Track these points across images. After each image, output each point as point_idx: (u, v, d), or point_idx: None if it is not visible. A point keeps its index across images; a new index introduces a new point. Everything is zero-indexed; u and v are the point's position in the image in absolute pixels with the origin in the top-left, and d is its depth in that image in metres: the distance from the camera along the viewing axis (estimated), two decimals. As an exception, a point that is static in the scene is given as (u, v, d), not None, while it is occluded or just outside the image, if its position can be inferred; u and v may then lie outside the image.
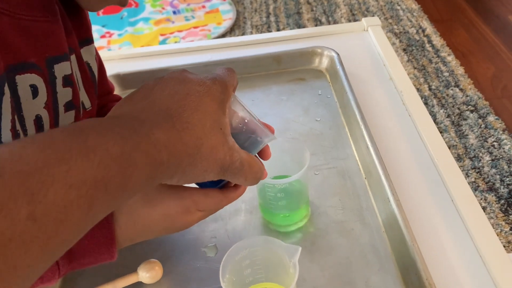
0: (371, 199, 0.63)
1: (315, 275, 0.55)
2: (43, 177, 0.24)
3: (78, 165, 0.25)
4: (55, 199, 0.24)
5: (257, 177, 0.41)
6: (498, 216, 1.33)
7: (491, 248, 0.54)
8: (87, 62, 0.59)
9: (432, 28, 2.09)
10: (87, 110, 0.60)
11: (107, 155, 0.27)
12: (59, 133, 0.27)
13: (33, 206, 0.23)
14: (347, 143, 0.72)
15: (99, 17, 2.39)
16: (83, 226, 0.27)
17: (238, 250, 0.48)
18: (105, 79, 0.70)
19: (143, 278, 0.55)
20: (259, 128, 0.43)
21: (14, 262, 0.23)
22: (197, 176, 0.35)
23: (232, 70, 0.40)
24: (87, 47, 0.59)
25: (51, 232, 0.24)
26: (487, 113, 1.63)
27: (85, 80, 0.58)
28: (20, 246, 0.23)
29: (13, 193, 0.23)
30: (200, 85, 0.36)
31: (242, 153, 0.38)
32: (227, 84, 0.38)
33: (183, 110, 0.34)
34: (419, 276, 0.51)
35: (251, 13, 2.35)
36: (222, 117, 0.37)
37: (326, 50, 0.87)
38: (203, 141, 0.34)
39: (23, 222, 0.23)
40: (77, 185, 0.25)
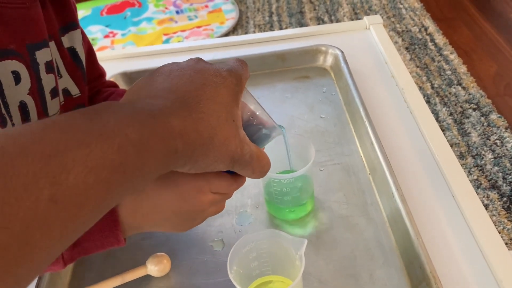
0: (375, 195, 0.64)
1: (320, 268, 0.56)
2: (64, 159, 0.24)
3: (99, 149, 0.26)
4: (76, 182, 0.24)
5: (264, 171, 0.42)
6: (501, 213, 1.34)
7: (491, 241, 0.55)
8: (72, 47, 0.58)
9: (434, 27, 2.09)
10: (75, 97, 0.59)
11: (127, 140, 0.27)
12: (79, 116, 0.27)
13: (55, 188, 0.23)
14: (351, 139, 0.73)
15: (103, 17, 2.40)
16: (100, 210, 0.27)
17: (245, 243, 0.49)
18: (95, 64, 0.69)
19: (152, 271, 0.56)
20: (269, 121, 0.43)
21: (35, 243, 0.23)
22: (208, 166, 0.36)
23: (245, 62, 0.41)
24: (72, 32, 0.58)
25: (71, 214, 0.24)
26: (490, 111, 1.64)
27: (69, 66, 0.57)
28: (42, 227, 0.23)
29: (36, 175, 0.23)
30: (216, 76, 0.36)
31: (251, 146, 0.39)
32: (241, 77, 0.39)
33: (200, 99, 0.34)
34: (423, 269, 0.51)
35: (254, 12, 2.36)
36: (235, 109, 0.37)
37: (331, 48, 0.88)
38: (216, 131, 0.34)
39: (45, 204, 0.23)
40: (97, 169, 0.25)
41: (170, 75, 0.36)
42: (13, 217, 0.22)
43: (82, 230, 0.27)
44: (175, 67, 0.37)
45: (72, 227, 0.25)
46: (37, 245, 0.23)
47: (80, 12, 2.45)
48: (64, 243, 0.25)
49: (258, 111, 0.42)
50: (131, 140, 0.28)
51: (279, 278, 0.53)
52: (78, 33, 0.59)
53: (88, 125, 0.26)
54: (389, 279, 0.54)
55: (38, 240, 0.23)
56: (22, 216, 0.22)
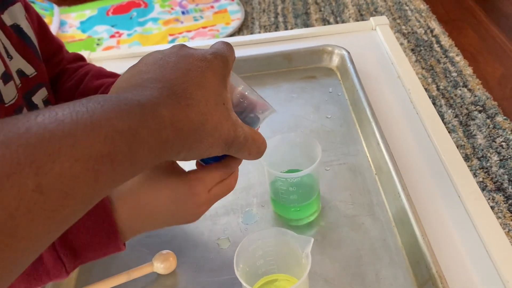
0: (381, 194, 0.64)
1: (326, 267, 0.56)
2: (49, 149, 0.24)
3: (84, 138, 0.25)
4: (62, 171, 0.24)
5: (261, 151, 0.41)
6: (506, 215, 1.33)
7: (497, 242, 0.55)
8: (15, 24, 0.55)
9: (440, 28, 2.09)
10: (31, 77, 0.57)
11: (114, 130, 0.27)
12: (65, 107, 0.27)
13: (39, 177, 0.23)
14: (357, 139, 0.73)
15: (109, 17, 2.41)
16: (88, 200, 0.27)
17: (251, 241, 0.49)
18: (49, 37, 0.65)
19: (158, 268, 0.56)
20: (260, 101, 0.42)
21: (20, 234, 0.23)
22: (203, 152, 0.35)
23: (230, 44, 0.40)
24: (11, 8, 0.55)
25: (57, 204, 0.24)
26: (496, 113, 1.63)
27: (17, 45, 0.55)
28: (27, 217, 0.23)
29: (20, 164, 0.23)
30: (201, 60, 0.36)
31: (245, 127, 0.38)
32: (227, 59, 0.38)
33: (187, 86, 0.33)
34: (429, 269, 0.51)
35: (259, 13, 2.36)
36: (224, 92, 0.36)
37: (337, 49, 0.88)
38: (207, 116, 0.34)
39: (29, 193, 0.23)
40: (83, 159, 0.25)
41: (155, 65, 0.35)
42: None
43: (70, 221, 0.26)
44: (159, 56, 0.36)
45: (58, 218, 0.25)
46: (23, 235, 0.23)
47: (86, 12, 2.46)
48: (51, 234, 0.25)
49: (247, 92, 0.42)
50: (119, 130, 0.27)
51: (285, 276, 0.53)
52: (18, 6, 0.56)
53: (74, 116, 0.26)
54: (394, 279, 0.54)
55: (23, 230, 0.23)
56: (6, 205, 0.22)
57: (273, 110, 0.44)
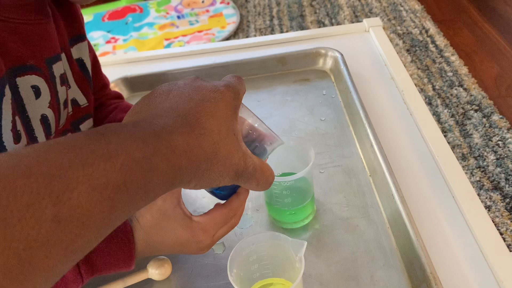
0: (375, 196, 0.64)
1: (321, 270, 0.56)
2: (67, 179, 0.24)
3: (101, 168, 0.26)
4: (79, 201, 0.24)
5: (269, 182, 0.42)
6: (504, 214, 1.34)
7: (491, 242, 0.55)
8: (80, 58, 0.59)
9: (435, 29, 2.09)
10: (82, 107, 0.60)
11: (129, 158, 0.28)
12: (82, 137, 0.27)
13: (58, 207, 0.23)
14: (351, 141, 0.73)
15: (104, 23, 2.41)
16: (104, 229, 0.27)
17: (245, 246, 0.49)
18: (100, 74, 0.71)
19: (153, 275, 0.56)
20: (268, 133, 0.44)
21: (38, 263, 0.23)
22: (213, 181, 0.36)
23: (240, 77, 0.41)
24: (81, 44, 0.59)
25: (74, 234, 0.24)
26: (491, 112, 1.64)
27: (77, 77, 0.59)
28: (44, 247, 0.23)
29: (39, 194, 0.23)
30: (214, 92, 0.37)
31: (254, 158, 0.39)
32: (239, 91, 0.39)
33: (200, 116, 0.34)
34: (424, 270, 0.51)
35: (255, 16, 2.36)
36: (235, 123, 0.37)
37: (330, 51, 0.88)
38: (219, 146, 0.35)
39: (48, 224, 0.23)
40: (100, 188, 0.25)
41: (169, 95, 0.36)
42: (15, 236, 0.22)
43: (86, 249, 0.26)
44: (173, 87, 0.37)
45: (75, 247, 0.25)
46: (40, 265, 0.23)
47: (82, 18, 2.47)
48: (67, 263, 0.25)
49: (256, 124, 0.43)
50: (134, 158, 0.28)
51: (280, 280, 0.53)
52: (85, 44, 0.60)
53: (91, 146, 0.26)
54: (389, 281, 0.54)
55: (41, 260, 0.23)
56: (25, 236, 0.22)
57: (281, 142, 0.45)
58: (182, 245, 0.49)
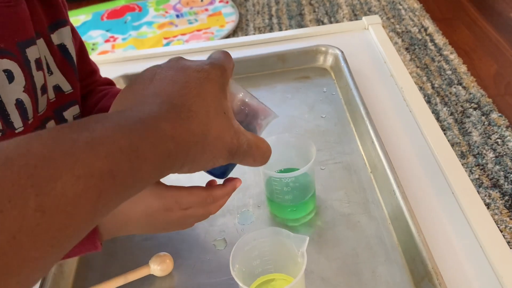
0: (376, 192, 0.64)
1: (322, 266, 0.56)
2: (50, 169, 0.24)
3: (85, 157, 0.25)
4: (63, 191, 0.24)
5: (266, 157, 0.41)
6: (503, 212, 1.34)
7: (491, 237, 0.55)
8: (62, 44, 0.58)
9: (434, 27, 2.10)
10: (67, 93, 0.59)
11: (115, 147, 0.27)
12: (65, 127, 0.27)
13: (41, 198, 0.23)
14: (352, 138, 0.73)
15: (103, 22, 2.41)
16: (91, 218, 0.27)
17: (247, 241, 0.50)
18: (87, 60, 0.69)
19: (155, 271, 0.56)
20: (261, 107, 0.43)
21: (23, 254, 0.23)
22: (206, 163, 0.36)
23: (227, 52, 0.40)
24: (62, 29, 0.58)
25: (59, 224, 0.24)
26: (490, 110, 1.64)
27: (60, 63, 0.58)
28: (30, 238, 0.23)
29: (21, 185, 0.23)
30: (198, 72, 0.36)
31: (248, 134, 0.38)
32: (225, 67, 0.38)
33: (186, 98, 0.34)
34: (425, 265, 0.52)
35: (254, 15, 2.37)
36: (224, 101, 0.36)
37: (331, 48, 0.88)
38: (208, 127, 0.34)
39: (31, 214, 0.23)
40: (84, 177, 0.25)
41: (153, 80, 0.35)
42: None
43: (74, 239, 0.26)
44: (156, 70, 0.37)
45: (62, 237, 0.25)
46: (26, 256, 0.23)
47: (81, 17, 2.46)
48: (56, 253, 0.25)
49: (247, 99, 0.42)
50: (120, 146, 0.27)
51: (282, 276, 0.54)
52: (67, 30, 0.59)
53: (75, 135, 0.26)
54: (391, 276, 0.54)
55: (27, 252, 0.23)
56: (7, 227, 0.22)
57: (275, 116, 0.44)
58: (150, 215, 0.46)
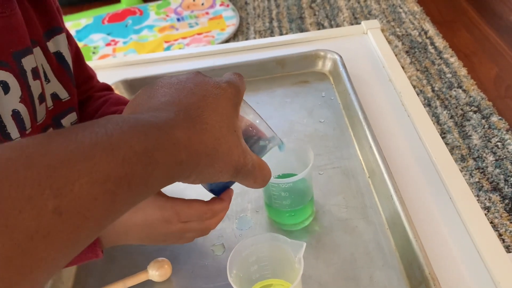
0: (374, 197, 0.64)
1: (320, 271, 0.56)
2: (69, 171, 0.24)
3: (103, 160, 0.26)
4: (80, 193, 0.24)
5: (266, 180, 0.42)
6: (503, 215, 1.34)
7: (488, 243, 0.56)
8: (58, 51, 0.58)
9: (434, 30, 2.10)
10: (64, 101, 0.59)
11: (131, 152, 0.27)
12: (84, 128, 0.27)
13: (59, 199, 0.23)
14: (350, 143, 0.73)
15: (104, 25, 2.42)
16: (104, 222, 0.27)
17: (244, 247, 0.50)
18: (84, 66, 0.69)
19: (153, 276, 0.56)
20: (267, 131, 0.44)
21: (39, 255, 0.23)
22: (212, 177, 0.36)
23: (241, 75, 0.41)
24: (57, 37, 0.58)
25: (75, 226, 0.24)
26: (491, 114, 1.64)
27: (56, 71, 0.58)
28: (46, 239, 0.23)
29: (41, 186, 0.23)
30: (216, 88, 0.37)
31: (253, 155, 0.39)
32: (239, 88, 0.39)
33: (202, 111, 0.34)
34: (422, 271, 0.52)
35: (254, 18, 2.37)
36: (236, 120, 0.37)
37: (329, 53, 0.89)
38: (220, 141, 0.35)
39: (49, 215, 0.23)
40: (101, 181, 0.25)
41: (171, 88, 0.36)
42: (16, 228, 0.22)
43: (86, 242, 0.27)
44: (174, 80, 0.37)
45: (76, 239, 0.25)
46: (41, 256, 0.23)
47: (82, 20, 2.47)
48: (68, 255, 0.25)
49: (257, 121, 0.43)
50: (136, 152, 0.28)
51: (279, 281, 0.54)
52: (63, 37, 0.59)
53: (94, 138, 0.26)
54: (388, 281, 0.54)
55: (42, 252, 0.23)
56: (26, 227, 0.22)
57: (279, 142, 0.46)
58: (149, 226, 0.47)
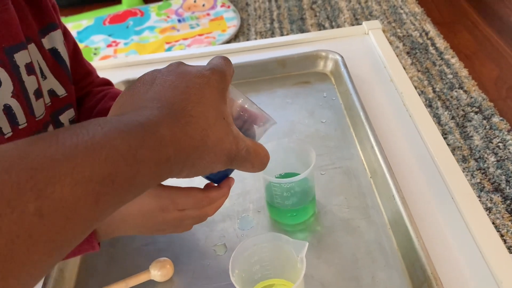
0: (376, 197, 0.64)
1: (322, 271, 0.56)
2: (50, 173, 0.24)
3: (85, 161, 0.25)
4: (62, 195, 0.24)
5: (264, 163, 0.41)
6: (504, 216, 1.34)
7: (490, 242, 0.55)
8: (54, 48, 0.58)
9: (435, 31, 2.10)
10: (61, 97, 0.59)
11: (114, 151, 0.27)
12: (65, 131, 0.27)
13: (40, 201, 0.23)
14: (352, 143, 0.73)
15: (105, 26, 2.42)
16: (90, 223, 0.27)
17: (246, 247, 0.50)
18: (82, 61, 0.69)
19: (155, 276, 0.56)
20: (260, 113, 0.43)
21: (21, 259, 0.23)
22: (205, 168, 0.36)
23: (227, 58, 0.40)
24: (52, 33, 0.58)
25: (58, 228, 0.24)
26: (492, 114, 1.64)
27: (52, 67, 0.58)
28: (28, 242, 0.23)
29: (20, 189, 0.23)
30: (199, 77, 0.36)
31: (246, 140, 0.39)
32: (225, 73, 0.38)
33: (186, 104, 0.34)
34: (425, 271, 0.52)
35: (255, 19, 2.37)
36: (223, 107, 0.37)
37: (331, 54, 0.89)
38: (208, 132, 0.34)
39: (30, 218, 0.23)
40: (84, 181, 0.25)
41: (153, 84, 0.36)
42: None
43: (71, 244, 0.26)
44: (156, 74, 0.37)
45: (60, 241, 0.25)
46: (23, 260, 0.23)
47: (83, 22, 2.48)
48: (52, 258, 0.25)
49: (247, 105, 0.42)
50: (119, 151, 0.27)
51: (281, 281, 0.54)
52: (58, 33, 0.59)
53: (74, 139, 0.26)
54: (390, 281, 0.54)
55: (24, 256, 0.23)
56: (6, 230, 0.22)
57: (274, 122, 0.44)
58: (146, 215, 0.47)
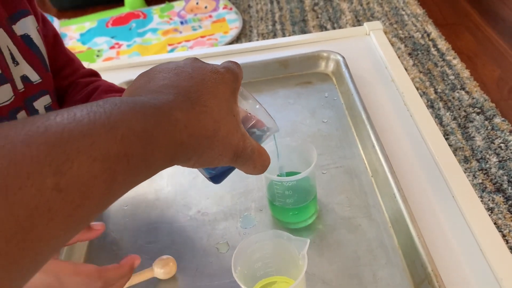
0: (377, 196, 0.65)
1: (324, 269, 0.57)
2: (68, 149, 0.24)
3: (102, 139, 0.26)
4: (80, 171, 0.24)
5: (265, 165, 0.42)
6: (506, 216, 1.34)
7: (491, 240, 0.56)
8: (26, 34, 0.59)
9: (437, 32, 2.10)
10: (35, 83, 0.60)
11: (130, 131, 0.28)
12: (83, 108, 0.27)
13: (58, 177, 0.23)
14: (353, 143, 0.74)
15: (108, 28, 2.43)
16: (104, 200, 0.27)
17: (248, 244, 0.50)
18: (62, 50, 0.69)
19: (158, 273, 0.57)
20: (266, 118, 0.44)
21: (39, 231, 0.23)
22: (212, 160, 0.36)
23: (237, 63, 0.42)
24: (24, 20, 0.59)
25: (75, 203, 0.24)
26: (494, 115, 1.64)
27: (25, 53, 0.58)
28: (46, 216, 0.23)
29: (40, 163, 0.23)
30: (214, 73, 0.37)
31: (252, 140, 0.39)
32: (238, 75, 0.39)
33: (201, 94, 0.34)
34: (425, 269, 0.52)
35: (257, 21, 2.38)
36: (234, 105, 0.38)
37: (332, 54, 0.89)
38: (220, 125, 0.35)
39: (49, 192, 0.23)
40: (100, 159, 0.25)
41: (170, 73, 0.36)
42: (16, 204, 0.22)
43: (88, 219, 0.27)
44: (172, 65, 0.37)
45: (76, 217, 0.25)
46: (41, 234, 0.23)
47: (86, 24, 2.49)
48: (69, 232, 0.26)
49: (254, 107, 0.43)
50: (135, 131, 0.28)
51: (283, 278, 0.54)
52: (30, 19, 0.59)
53: (91, 117, 0.27)
54: (391, 279, 0.55)
55: (43, 229, 0.23)
56: (26, 203, 0.22)
57: (277, 130, 0.46)
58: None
